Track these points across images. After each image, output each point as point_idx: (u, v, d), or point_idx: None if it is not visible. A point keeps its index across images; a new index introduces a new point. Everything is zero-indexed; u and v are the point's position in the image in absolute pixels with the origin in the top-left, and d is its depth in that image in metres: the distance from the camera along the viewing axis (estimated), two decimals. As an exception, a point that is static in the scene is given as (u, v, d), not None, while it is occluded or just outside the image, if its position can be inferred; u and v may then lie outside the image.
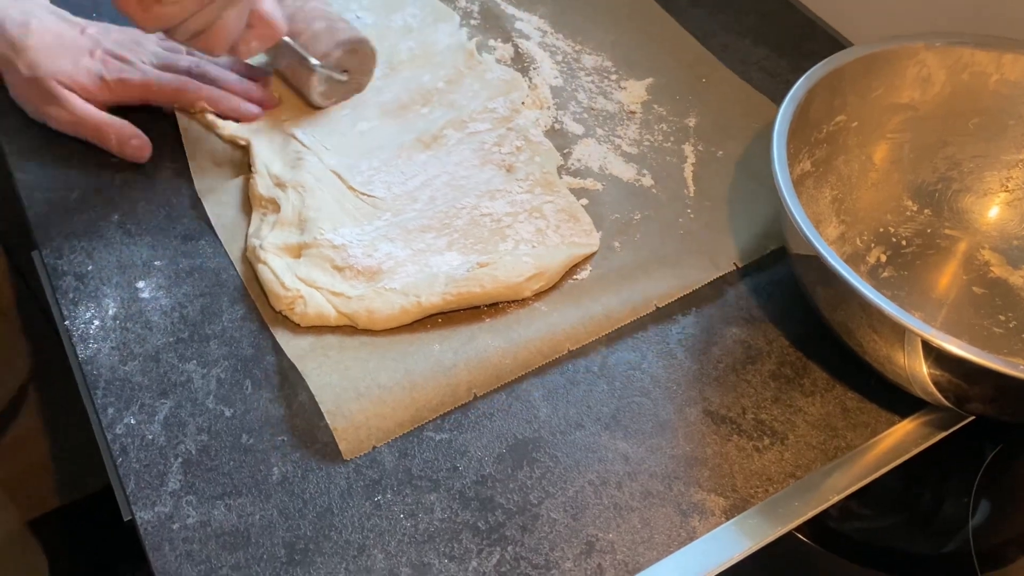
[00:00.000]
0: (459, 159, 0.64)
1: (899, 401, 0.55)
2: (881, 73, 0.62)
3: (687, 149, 0.68)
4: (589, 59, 0.74)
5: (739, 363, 0.56)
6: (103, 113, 0.63)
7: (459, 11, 0.77)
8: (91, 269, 0.58)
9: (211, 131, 0.65)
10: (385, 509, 0.49)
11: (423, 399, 0.53)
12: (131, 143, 0.62)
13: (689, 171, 0.67)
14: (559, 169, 0.65)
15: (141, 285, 0.57)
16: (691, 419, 0.53)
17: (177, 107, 0.65)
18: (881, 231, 0.64)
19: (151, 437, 0.51)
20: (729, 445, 0.53)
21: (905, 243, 0.63)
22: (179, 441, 0.51)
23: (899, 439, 0.54)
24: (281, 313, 0.56)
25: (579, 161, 0.66)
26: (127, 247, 0.59)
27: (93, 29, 0.65)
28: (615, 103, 0.71)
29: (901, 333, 0.47)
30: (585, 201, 0.64)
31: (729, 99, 0.72)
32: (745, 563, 0.49)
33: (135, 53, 0.65)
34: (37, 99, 0.62)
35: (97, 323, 0.55)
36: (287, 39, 0.64)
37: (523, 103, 0.68)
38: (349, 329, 0.56)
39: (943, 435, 0.54)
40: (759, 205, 0.64)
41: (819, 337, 0.57)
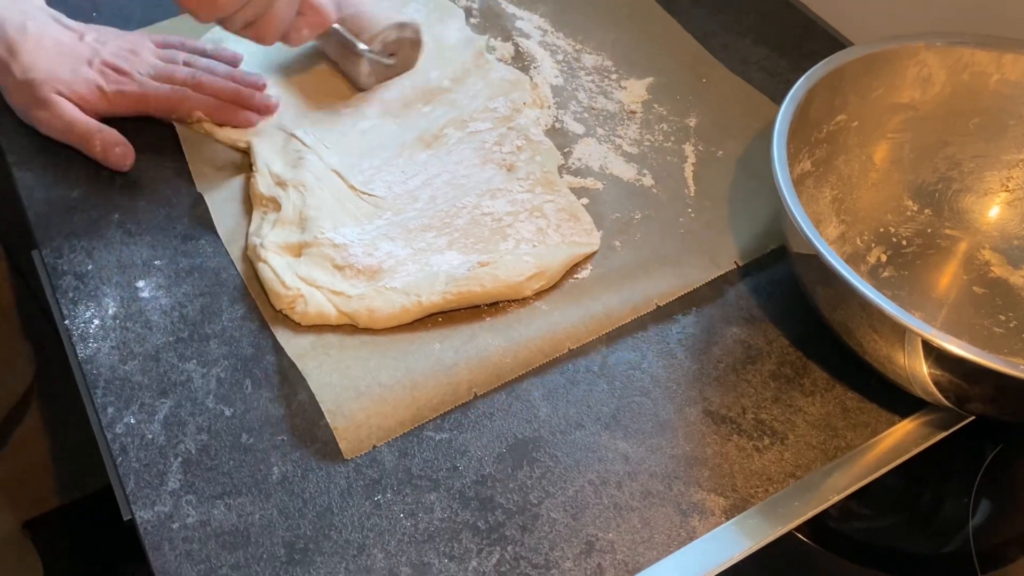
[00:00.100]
0: (460, 158, 0.64)
1: (899, 401, 0.55)
2: (881, 73, 0.62)
3: (687, 149, 0.68)
4: (589, 58, 0.74)
5: (739, 363, 0.56)
6: (92, 120, 0.62)
7: (460, 9, 0.77)
8: (91, 268, 0.58)
9: (210, 137, 0.65)
10: (385, 509, 0.49)
11: (424, 398, 0.53)
12: (115, 150, 0.62)
13: (689, 170, 0.67)
14: (560, 168, 0.65)
15: (141, 284, 0.57)
16: (691, 419, 0.53)
17: (175, 118, 0.65)
18: (881, 231, 0.64)
19: (151, 436, 0.51)
20: (729, 445, 0.52)
21: (905, 243, 0.63)
22: (179, 440, 0.51)
23: (899, 439, 0.54)
24: (281, 312, 0.56)
25: (580, 160, 0.66)
26: (127, 247, 0.59)
27: (91, 36, 0.65)
28: (615, 102, 0.71)
29: (901, 333, 0.47)
30: (586, 200, 0.64)
31: (729, 99, 0.72)
32: (745, 563, 0.49)
33: (132, 64, 0.65)
34: (28, 102, 0.62)
35: (97, 322, 0.55)
36: (337, 26, 0.65)
37: (524, 104, 0.68)
38: (349, 328, 0.56)
39: (943, 435, 0.54)
40: (760, 204, 0.64)
41: (819, 337, 0.57)
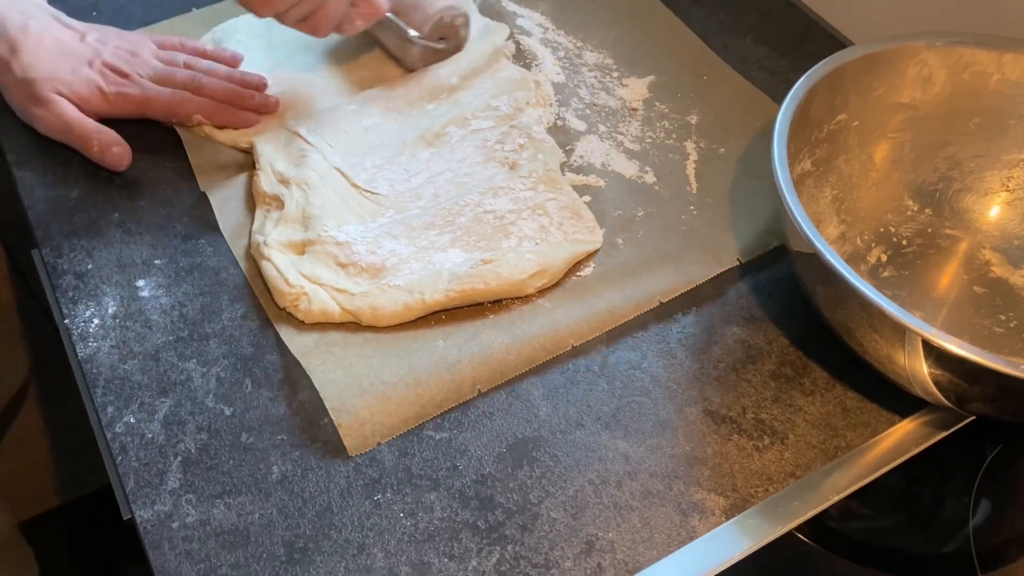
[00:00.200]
0: (462, 156, 0.64)
1: (899, 401, 0.54)
2: (882, 72, 0.61)
3: (689, 146, 0.68)
4: (591, 56, 0.74)
5: (739, 362, 0.56)
6: (90, 120, 0.62)
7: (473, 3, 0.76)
8: (91, 268, 0.58)
9: (211, 140, 0.65)
10: (385, 508, 0.49)
11: (427, 395, 0.53)
12: (112, 151, 0.62)
13: (691, 168, 0.66)
14: (562, 166, 0.65)
15: (141, 284, 0.57)
16: (691, 418, 0.53)
17: (175, 121, 0.65)
18: (882, 231, 0.64)
19: (151, 436, 0.51)
20: (729, 444, 0.52)
21: (906, 243, 0.63)
22: (179, 440, 0.51)
23: (899, 439, 0.54)
24: (285, 310, 0.56)
25: (582, 158, 0.66)
26: (127, 246, 0.59)
27: (92, 36, 0.65)
28: (617, 100, 0.71)
29: (902, 333, 0.47)
30: (588, 198, 0.64)
31: (731, 97, 0.71)
32: (745, 563, 0.49)
33: (133, 65, 0.64)
34: (27, 101, 0.62)
35: (97, 322, 0.55)
36: (389, 14, 0.66)
37: (528, 103, 0.68)
38: (353, 326, 0.56)
39: (943, 435, 0.54)
40: (761, 202, 0.64)
41: (819, 337, 0.57)
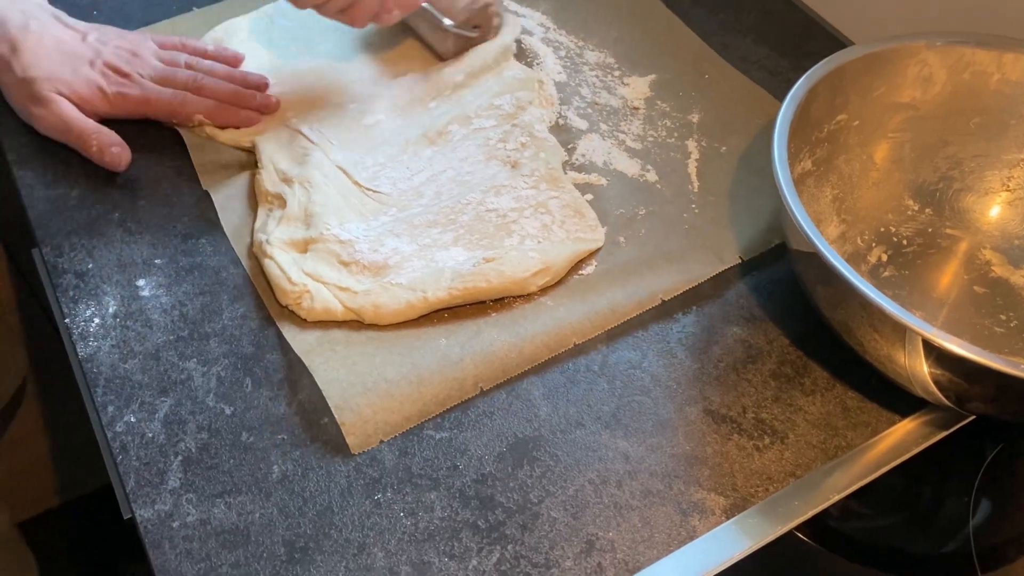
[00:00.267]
0: (464, 155, 0.64)
1: (899, 400, 0.55)
2: (882, 72, 0.61)
3: (691, 145, 0.68)
4: (592, 55, 0.74)
5: (739, 362, 0.56)
6: (89, 120, 0.62)
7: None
8: (91, 267, 0.58)
9: (213, 140, 0.65)
10: (385, 507, 0.49)
11: (430, 393, 0.53)
12: (111, 151, 0.62)
13: (693, 167, 0.66)
14: (564, 165, 0.65)
15: (141, 283, 0.57)
16: (691, 418, 0.53)
17: (176, 121, 0.65)
18: (882, 230, 0.64)
19: (151, 435, 0.51)
20: (729, 444, 0.52)
21: (906, 242, 0.63)
22: (179, 439, 0.51)
23: (899, 438, 0.54)
24: (287, 308, 0.56)
25: (583, 156, 0.66)
26: (127, 245, 0.59)
27: (93, 36, 0.65)
28: (619, 98, 0.71)
29: (902, 332, 0.47)
30: (590, 196, 0.64)
31: (732, 95, 0.72)
32: (745, 562, 0.49)
33: (134, 65, 0.64)
34: (27, 100, 0.62)
35: (97, 321, 0.55)
36: (425, 4, 0.67)
37: (531, 103, 0.68)
38: (355, 324, 0.56)
39: (943, 435, 0.54)
40: (763, 200, 0.64)
41: (819, 336, 0.57)
